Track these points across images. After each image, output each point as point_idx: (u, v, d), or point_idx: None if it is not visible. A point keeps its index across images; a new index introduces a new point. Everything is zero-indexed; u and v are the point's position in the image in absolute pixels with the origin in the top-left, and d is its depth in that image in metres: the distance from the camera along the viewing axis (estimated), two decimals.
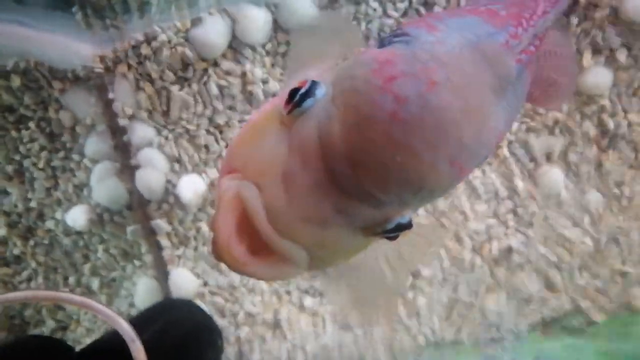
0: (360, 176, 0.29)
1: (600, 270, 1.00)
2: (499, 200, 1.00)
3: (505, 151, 0.97)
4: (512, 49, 0.36)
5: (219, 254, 0.31)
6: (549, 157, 0.99)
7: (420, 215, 0.98)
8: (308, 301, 1.04)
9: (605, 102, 0.95)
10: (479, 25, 0.37)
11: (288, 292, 1.04)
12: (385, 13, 0.93)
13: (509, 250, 1.00)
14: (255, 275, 0.32)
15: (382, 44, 0.34)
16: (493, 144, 0.35)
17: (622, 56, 0.93)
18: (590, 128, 0.97)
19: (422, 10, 0.93)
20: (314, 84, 0.32)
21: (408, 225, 0.33)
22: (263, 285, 1.03)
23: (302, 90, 0.32)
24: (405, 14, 0.93)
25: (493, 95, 0.33)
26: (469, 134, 0.29)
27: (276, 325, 1.03)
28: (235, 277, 1.03)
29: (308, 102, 0.32)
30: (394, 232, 0.33)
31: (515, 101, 0.39)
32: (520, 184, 0.99)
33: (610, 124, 0.96)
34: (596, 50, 0.94)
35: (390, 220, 0.32)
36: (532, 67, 0.44)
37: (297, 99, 0.32)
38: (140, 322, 0.64)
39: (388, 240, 0.34)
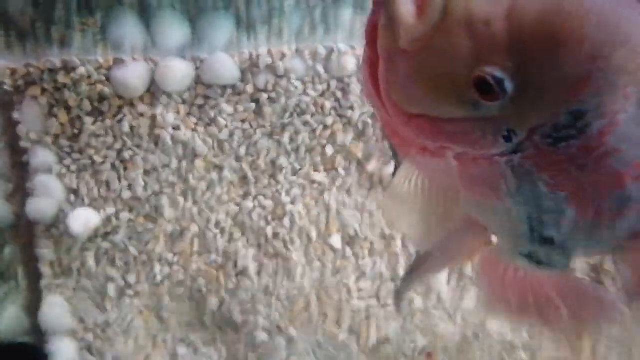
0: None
1: None
2: (382, 281, 1.05)
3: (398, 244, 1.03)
4: None
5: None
6: None
7: None
8: (182, 350, 1.04)
9: None
10: None
11: (164, 341, 1.03)
12: (305, 92, 0.98)
13: (386, 337, 1.04)
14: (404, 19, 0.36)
15: None
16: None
17: None
18: None
19: (340, 94, 0.98)
20: None
21: (501, 84, 0.35)
22: (139, 327, 1.02)
23: None
24: (322, 94, 0.98)
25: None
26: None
27: None
28: (112, 316, 1.01)
29: None
30: (489, 82, 0.35)
31: None
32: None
33: None
34: None
35: (488, 66, 0.35)
36: None
37: None
38: None
39: (478, 93, 0.36)
